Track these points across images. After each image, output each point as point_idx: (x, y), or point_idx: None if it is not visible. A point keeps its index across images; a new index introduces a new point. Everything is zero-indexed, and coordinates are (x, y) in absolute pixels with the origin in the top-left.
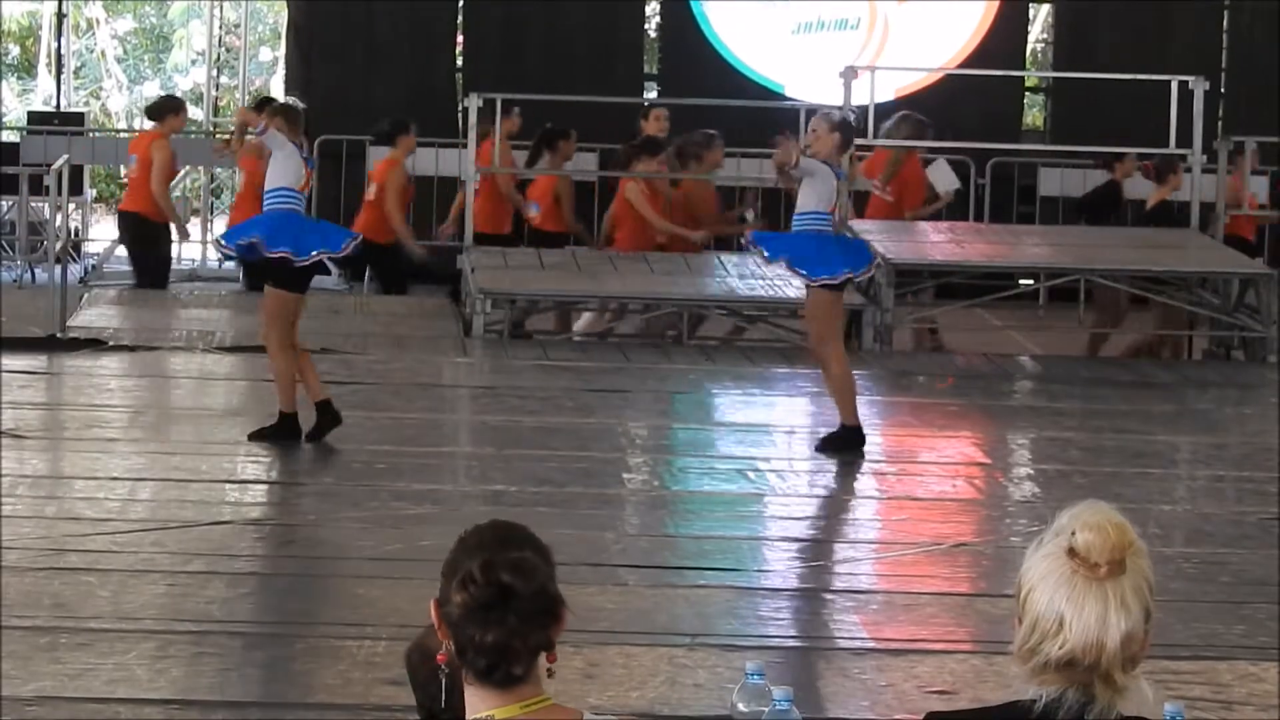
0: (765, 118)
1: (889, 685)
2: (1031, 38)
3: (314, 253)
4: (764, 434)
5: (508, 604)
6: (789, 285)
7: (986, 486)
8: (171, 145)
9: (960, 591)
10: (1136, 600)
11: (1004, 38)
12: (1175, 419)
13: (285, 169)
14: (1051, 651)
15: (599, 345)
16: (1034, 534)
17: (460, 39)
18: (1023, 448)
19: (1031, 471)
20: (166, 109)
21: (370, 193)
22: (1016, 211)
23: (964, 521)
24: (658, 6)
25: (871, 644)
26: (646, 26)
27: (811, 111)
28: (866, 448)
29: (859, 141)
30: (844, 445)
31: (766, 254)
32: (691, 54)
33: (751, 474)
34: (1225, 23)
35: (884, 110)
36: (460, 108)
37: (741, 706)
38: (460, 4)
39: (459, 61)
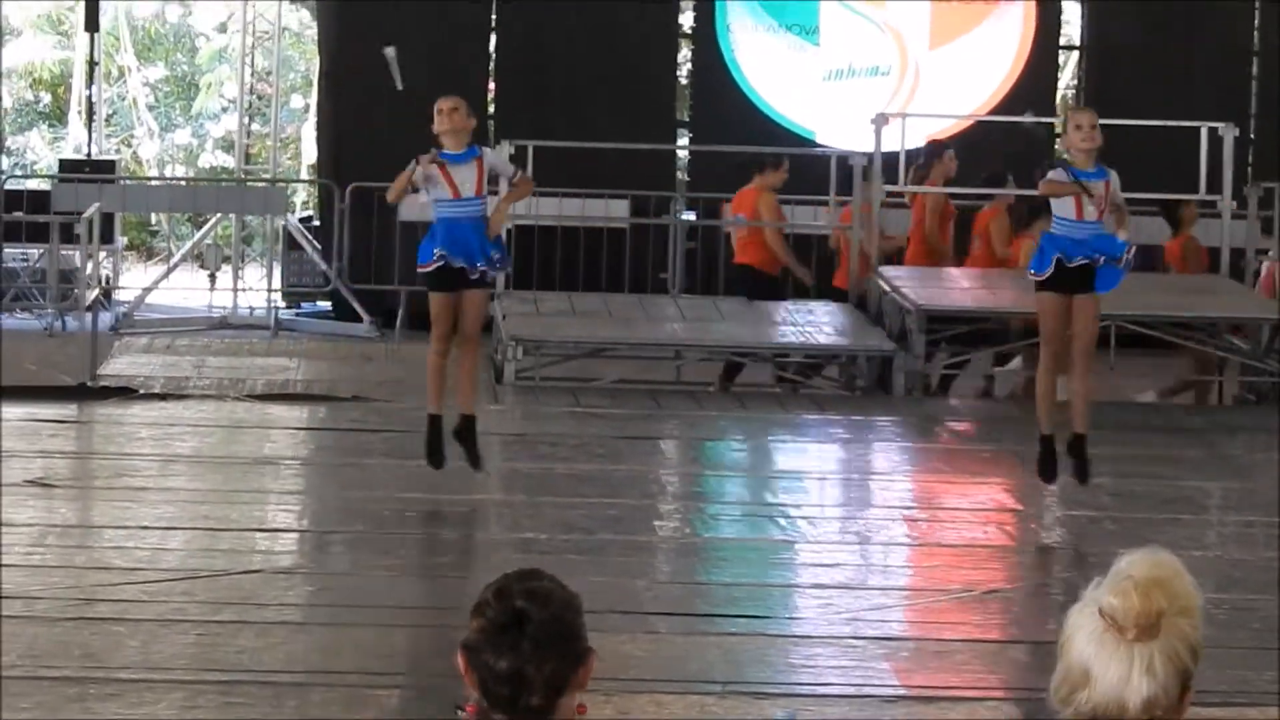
0: (796, 165)
1: None
2: (1061, 84)
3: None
4: (795, 480)
5: (522, 629)
6: (820, 332)
7: (1018, 533)
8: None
9: (992, 639)
10: (1167, 665)
11: (1034, 83)
12: (1205, 464)
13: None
14: (1079, 703)
15: (630, 392)
16: (1064, 580)
17: (492, 85)
18: (1053, 493)
19: (1062, 517)
20: (765, 163)
21: (742, 229)
22: None
23: (996, 568)
24: (689, 53)
25: (903, 691)
26: (678, 73)
27: (843, 159)
28: (898, 494)
29: (891, 188)
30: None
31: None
32: (723, 101)
33: (783, 520)
34: (1254, 69)
35: (914, 157)
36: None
37: None
38: (493, 51)
39: (490, 108)
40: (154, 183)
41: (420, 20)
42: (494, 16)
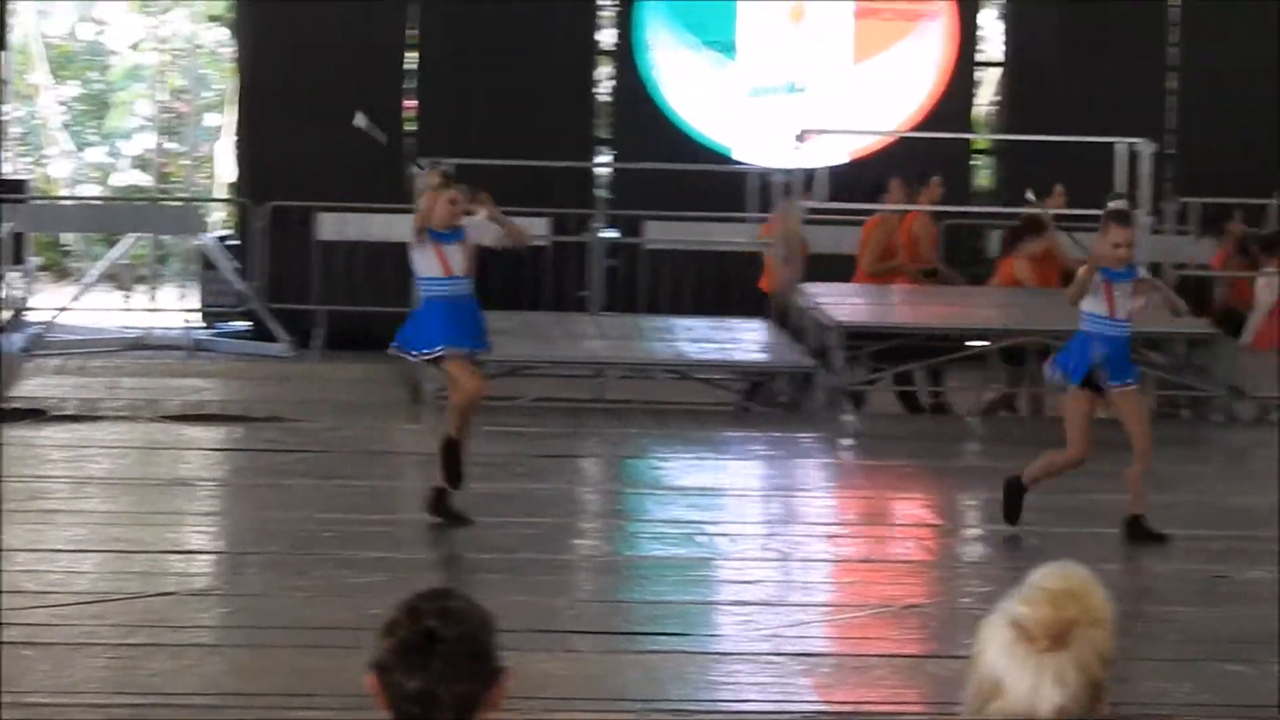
0: (715, 181)
1: None
2: (981, 101)
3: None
4: (715, 497)
5: (432, 648)
6: (739, 349)
7: (937, 548)
8: None
9: (910, 653)
10: (1079, 675)
11: (953, 101)
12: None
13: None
14: (991, 714)
15: (551, 410)
16: (984, 595)
17: (413, 103)
18: (974, 509)
19: (982, 532)
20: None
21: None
22: (968, 272)
23: (915, 583)
24: (609, 71)
25: (823, 707)
26: (598, 91)
27: (762, 174)
28: (819, 510)
29: (812, 204)
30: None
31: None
32: (642, 118)
33: (703, 538)
34: (1178, 84)
35: (837, 173)
36: (408, 173)
37: None
38: (412, 68)
39: (409, 126)
40: (66, 202)
41: (339, 38)
42: (414, 33)
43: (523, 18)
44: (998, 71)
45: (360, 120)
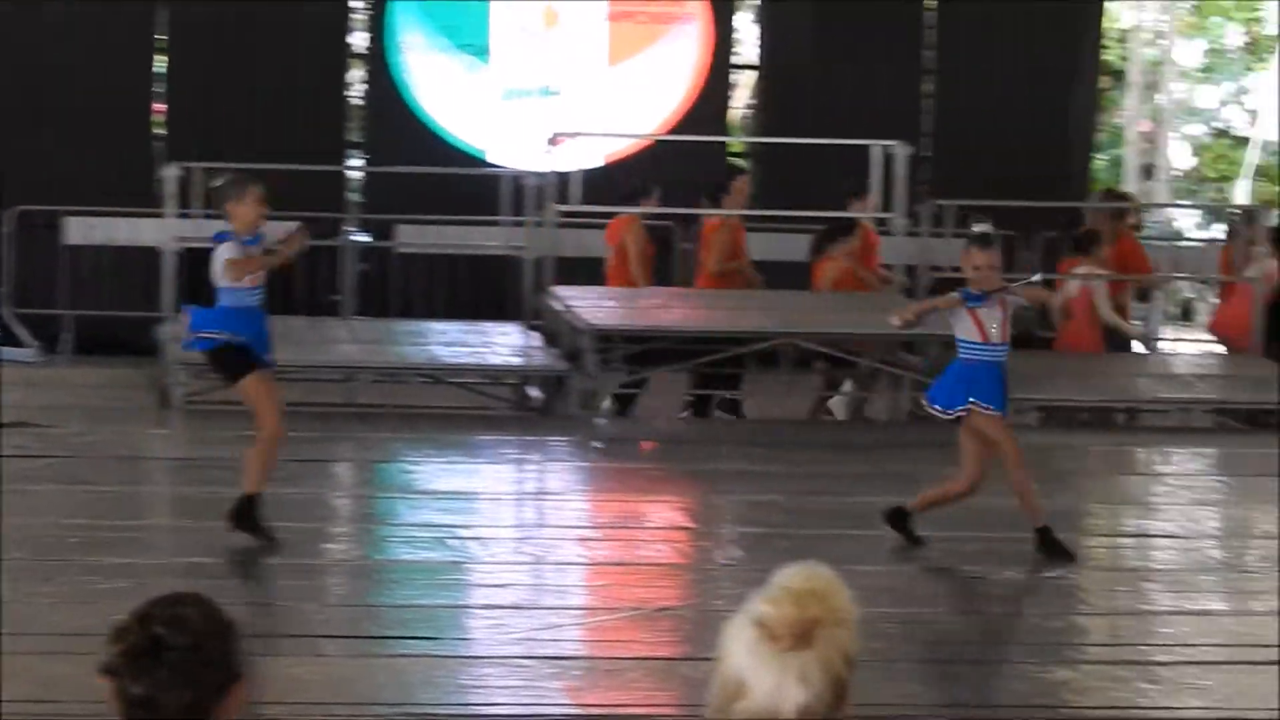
0: (469, 185)
1: None
2: (737, 104)
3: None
4: (467, 501)
5: (159, 656)
6: (492, 352)
7: (690, 551)
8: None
9: (663, 656)
10: (821, 674)
11: (709, 104)
12: (876, 480)
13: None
14: (736, 714)
15: (302, 414)
16: (736, 597)
17: (162, 107)
18: (726, 511)
19: (735, 535)
20: (640, 192)
21: (611, 256)
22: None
23: (668, 586)
24: (361, 74)
25: (574, 711)
26: (349, 94)
27: (516, 178)
28: (572, 514)
29: (564, 207)
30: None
31: None
32: (395, 121)
33: (454, 541)
34: (935, 88)
35: (590, 176)
36: (157, 177)
37: None
38: (162, 71)
39: (156, 130)
40: None
41: (83, 39)
42: (163, 37)
43: (273, 20)
44: (754, 75)
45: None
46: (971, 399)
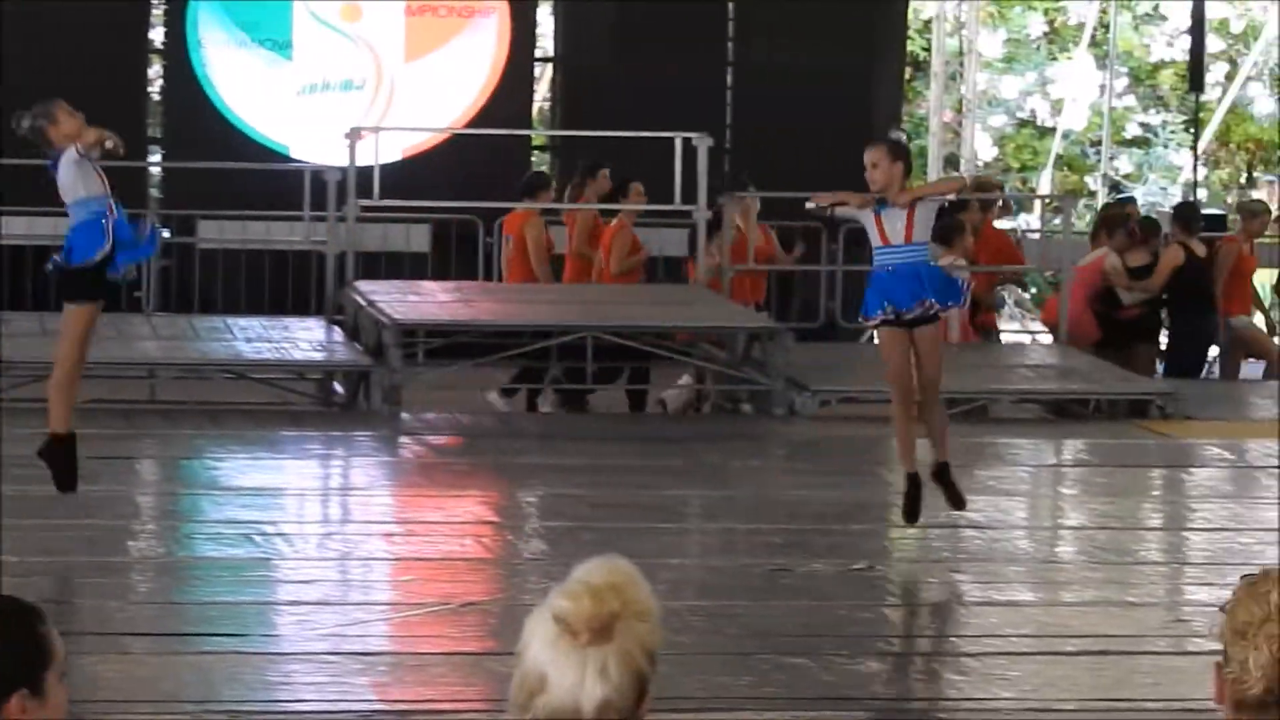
0: (270, 180)
1: None
2: (538, 97)
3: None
4: (272, 497)
5: None
6: (295, 348)
7: (496, 545)
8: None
9: (469, 650)
10: (621, 668)
11: (510, 97)
12: (685, 473)
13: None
14: (537, 709)
15: (104, 411)
16: (542, 591)
17: None
18: (532, 505)
19: (540, 529)
20: (537, 185)
21: (509, 249)
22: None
23: (473, 581)
24: (160, 69)
25: (380, 706)
26: (149, 89)
27: (316, 173)
28: (377, 509)
29: (366, 202)
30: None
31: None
32: (195, 116)
33: (258, 538)
34: (733, 79)
35: (388, 171)
36: None
37: None
38: None
39: None
40: None
41: None
42: None
43: (72, 14)
44: (554, 68)
45: None
46: (887, 302)
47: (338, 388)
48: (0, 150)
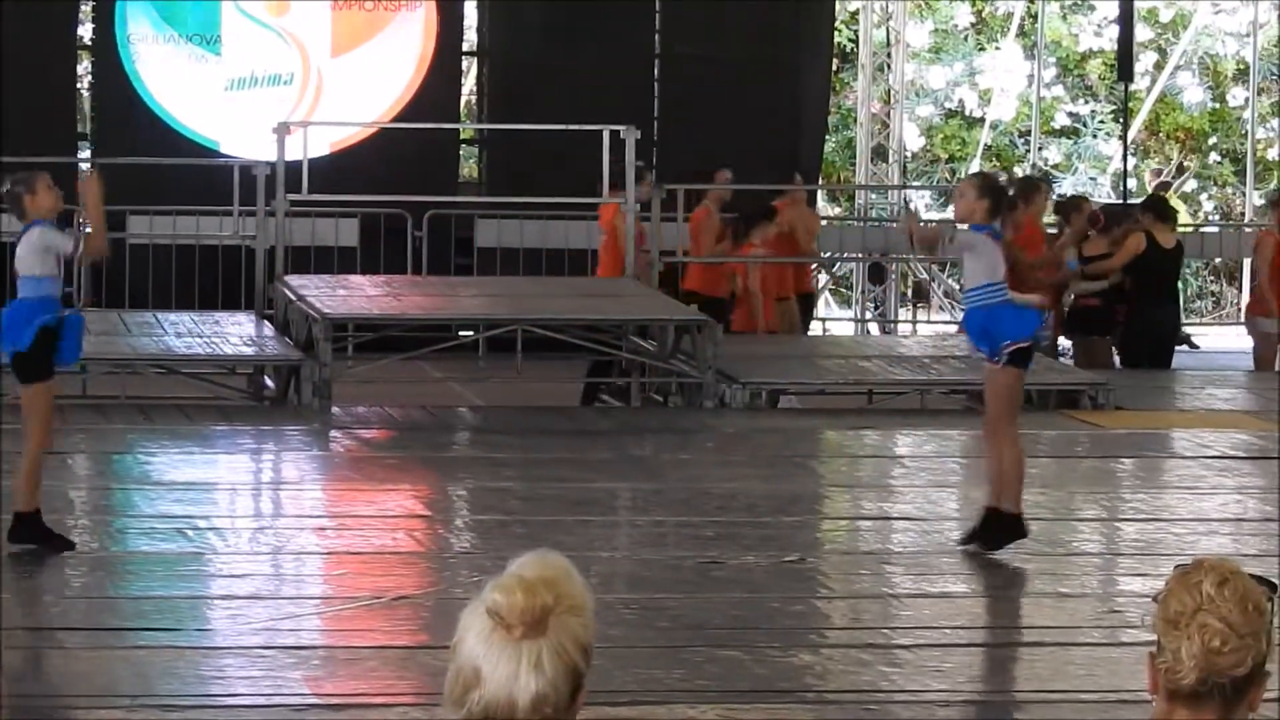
0: (199, 175)
1: None
2: (465, 90)
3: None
4: (204, 492)
5: None
6: (226, 343)
7: (427, 539)
8: None
9: (401, 644)
10: (555, 662)
11: (438, 91)
12: (615, 466)
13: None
14: (472, 703)
15: None
16: (474, 585)
17: None
18: (463, 499)
19: (471, 522)
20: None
21: (604, 238)
22: (454, 264)
23: (405, 574)
24: (89, 65)
25: (313, 700)
26: (79, 85)
27: (245, 168)
28: (309, 503)
29: (295, 196)
30: (1008, 535)
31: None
32: (125, 113)
33: (191, 532)
34: (659, 72)
35: (316, 165)
36: None
37: None
38: None
39: None
40: None
41: None
42: None
43: (3, 12)
44: (481, 61)
45: None
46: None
47: (268, 382)
48: None
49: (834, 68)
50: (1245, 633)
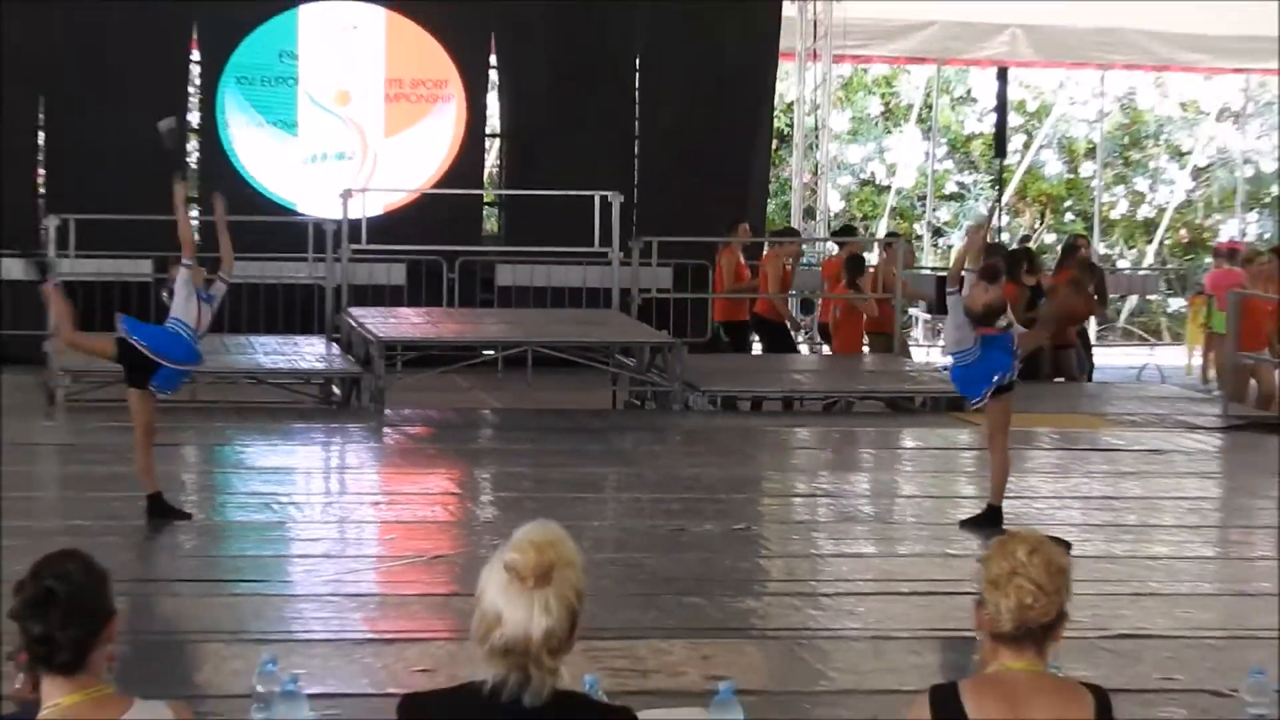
0: (283, 231)
1: (383, 667)
2: (488, 164)
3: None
4: (285, 475)
5: (50, 602)
6: (302, 360)
7: (458, 511)
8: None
9: (439, 593)
10: (559, 605)
11: (466, 164)
12: (603, 456)
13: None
14: (495, 640)
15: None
16: (495, 547)
17: (42, 171)
18: (486, 481)
19: (493, 499)
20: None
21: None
22: (479, 298)
23: (441, 538)
24: (197, 144)
25: (371, 635)
26: (189, 160)
27: (318, 224)
28: (367, 483)
29: (357, 246)
30: (987, 523)
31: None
32: (225, 181)
33: (275, 506)
34: (639, 147)
35: (373, 222)
36: (42, 226)
37: (259, 688)
38: (40, 134)
39: (40, 189)
40: None
41: None
42: (41, 115)
43: (127, 101)
44: (500, 139)
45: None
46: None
47: (336, 390)
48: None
49: (774, 146)
50: (1050, 590)
